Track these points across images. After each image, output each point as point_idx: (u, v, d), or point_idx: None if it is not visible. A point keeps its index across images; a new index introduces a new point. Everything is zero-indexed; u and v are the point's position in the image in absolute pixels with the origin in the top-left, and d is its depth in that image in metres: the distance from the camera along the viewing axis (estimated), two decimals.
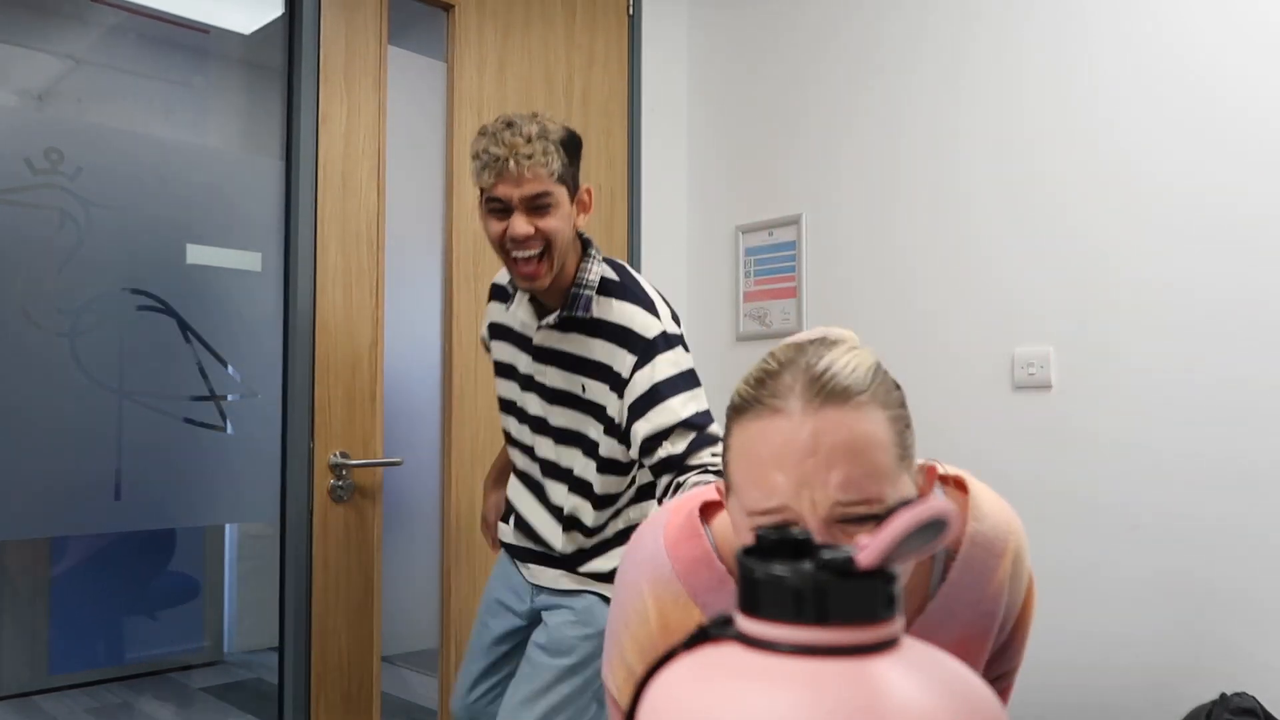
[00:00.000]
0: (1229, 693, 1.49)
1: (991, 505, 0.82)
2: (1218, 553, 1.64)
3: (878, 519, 0.64)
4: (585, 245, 1.41)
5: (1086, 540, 1.79)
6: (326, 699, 1.86)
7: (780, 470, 0.63)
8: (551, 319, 1.38)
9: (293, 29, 1.90)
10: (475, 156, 1.30)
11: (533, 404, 1.44)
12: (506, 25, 2.22)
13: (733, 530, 0.73)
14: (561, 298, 1.38)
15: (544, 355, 1.41)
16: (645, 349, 1.32)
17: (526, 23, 2.25)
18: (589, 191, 1.38)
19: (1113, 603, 1.75)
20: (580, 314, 1.35)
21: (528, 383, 1.45)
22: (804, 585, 0.36)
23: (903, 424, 0.68)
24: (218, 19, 1.97)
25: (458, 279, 2.11)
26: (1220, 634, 1.62)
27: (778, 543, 0.39)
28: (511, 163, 1.25)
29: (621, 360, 1.33)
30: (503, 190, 1.28)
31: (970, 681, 0.37)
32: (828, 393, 0.64)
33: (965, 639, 0.80)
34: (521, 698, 1.41)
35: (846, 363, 0.66)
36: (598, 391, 1.36)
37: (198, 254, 1.78)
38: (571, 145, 1.33)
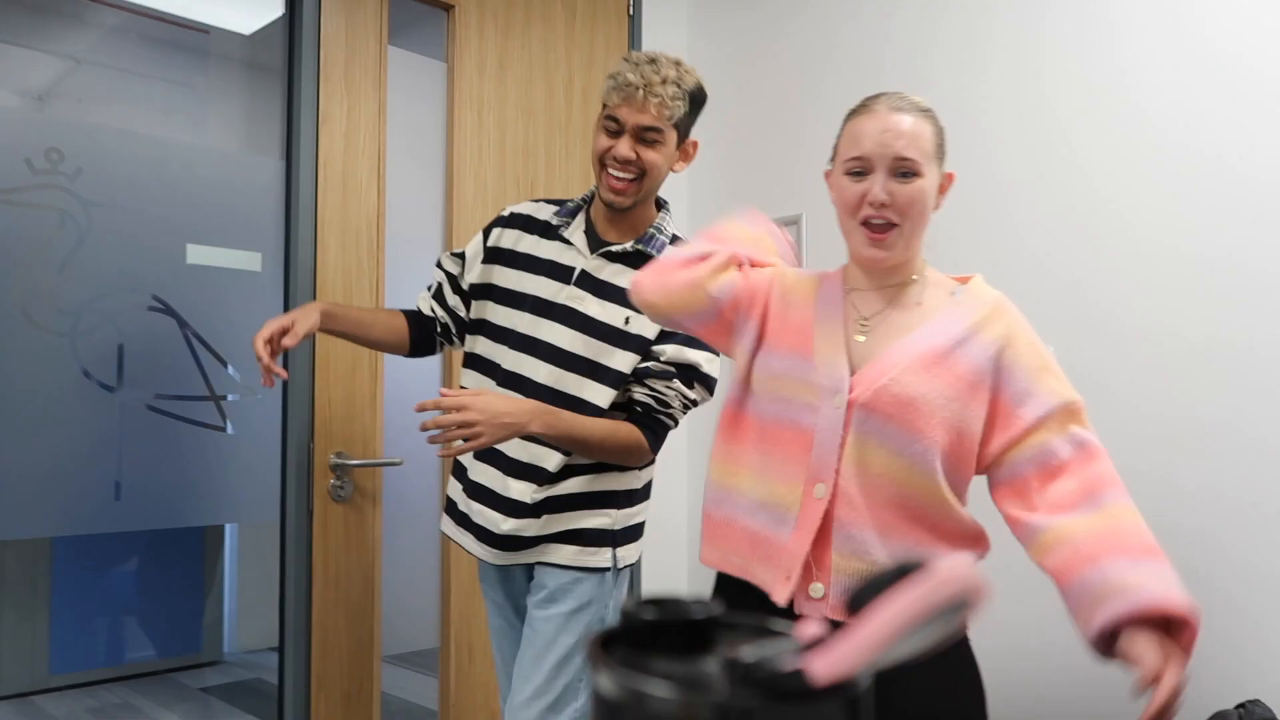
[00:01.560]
0: (1241, 700, 1.49)
1: (978, 286, 1.19)
2: (1223, 556, 1.63)
3: (911, 179, 1.11)
4: (661, 204, 1.54)
5: None
6: (327, 699, 1.86)
7: (868, 137, 1.11)
8: (618, 247, 1.47)
9: (293, 29, 1.90)
10: (611, 76, 1.43)
11: (551, 332, 1.46)
12: (506, 25, 2.22)
13: (830, 191, 1.18)
14: (632, 234, 1.49)
15: (589, 284, 1.47)
16: None
17: (526, 23, 2.25)
18: (695, 145, 1.51)
19: None
20: (653, 252, 1.45)
21: (553, 310, 1.47)
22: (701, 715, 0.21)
23: (941, 140, 1.15)
24: (218, 20, 1.97)
25: None
26: (1228, 639, 1.62)
27: (663, 624, 0.24)
28: (641, 92, 1.39)
29: None
30: (623, 113, 1.41)
31: None
32: (901, 106, 1.13)
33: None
34: (530, 657, 1.45)
35: (915, 99, 1.16)
36: (644, 323, 1.44)
37: (198, 254, 1.78)
38: (698, 99, 1.46)
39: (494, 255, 1.56)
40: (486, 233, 1.58)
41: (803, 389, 1.11)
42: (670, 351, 1.44)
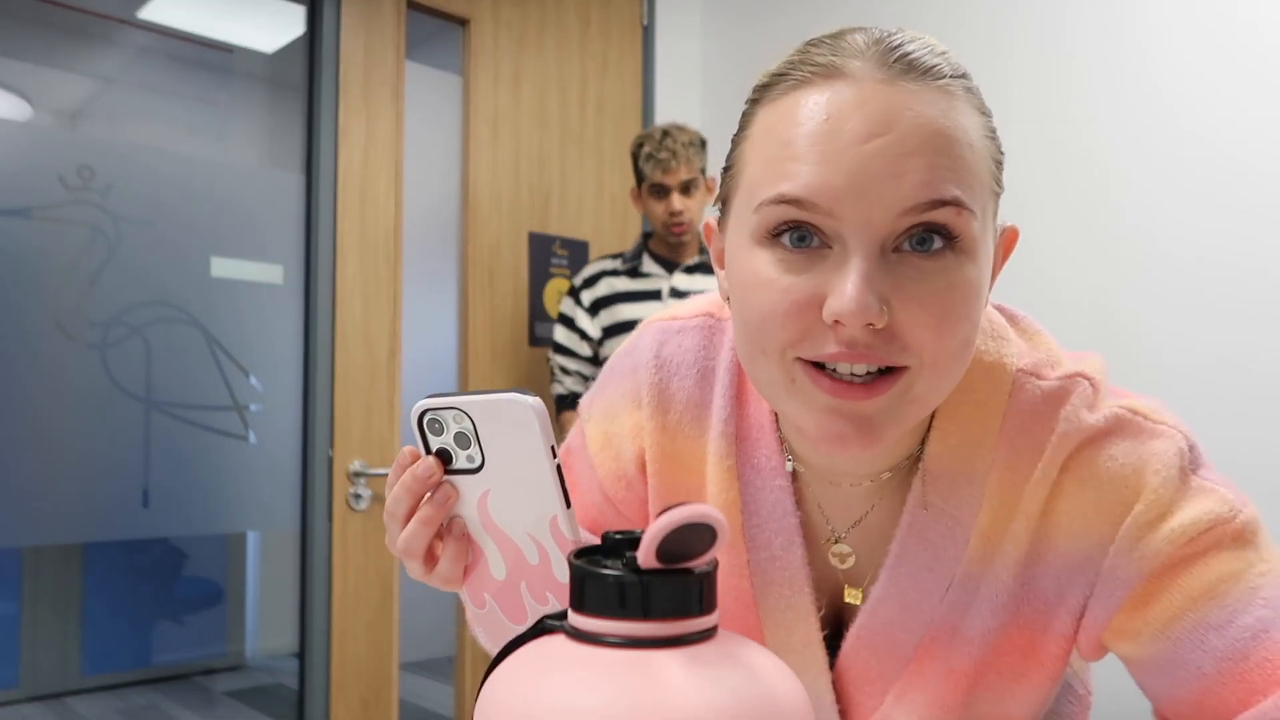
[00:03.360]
0: None
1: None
2: None
3: (951, 241, 0.47)
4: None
5: None
6: (345, 704, 1.89)
7: (824, 154, 0.44)
8: (693, 260, 1.96)
9: (313, 47, 1.95)
10: (645, 158, 1.90)
11: None
12: (521, 38, 2.25)
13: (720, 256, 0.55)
14: (691, 252, 1.97)
15: (678, 297, 1.82)
16: None
17: (541, 35, 2.29)
18: (712, 180, 1.94)
19: None
20: (711, 259, 1.76)
21: None
22: (619, 581, 0.37)
23: (997, 150, 0.52)
24: (241, 39, 2.02)
25: (473, 289, 2.14)
26: None
27: (620, 543, 0.40)
28: (673, 160, 1.87)
29: None
30: (666, 179, 1.89)
31: (768, 678, 0.36)
32: (908, 64, 0.46)
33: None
34: None
35: (936, 45, 0.49)
36: None
37: (222, 267, 1.82)
38: (704, 144, 1.95)
39: (594, 307, 1.97)
40: (576, 300, 1.99)
41: None
42: None
